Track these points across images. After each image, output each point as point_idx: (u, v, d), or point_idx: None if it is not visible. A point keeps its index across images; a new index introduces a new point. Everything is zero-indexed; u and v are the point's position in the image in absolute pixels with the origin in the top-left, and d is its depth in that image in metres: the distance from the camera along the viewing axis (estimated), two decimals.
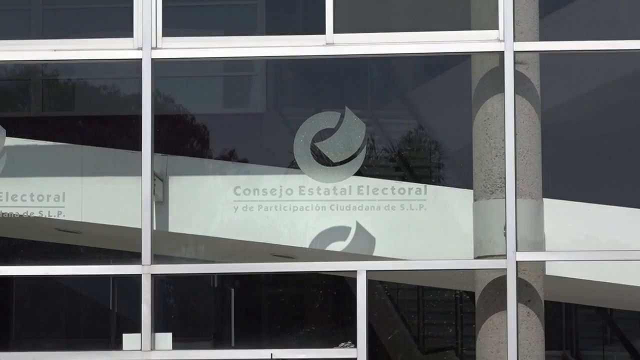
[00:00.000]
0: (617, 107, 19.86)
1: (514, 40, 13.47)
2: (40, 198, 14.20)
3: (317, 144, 13.93)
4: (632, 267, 14.24)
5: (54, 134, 15.38)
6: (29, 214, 14.18)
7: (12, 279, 19.57)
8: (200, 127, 20.68)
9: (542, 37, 13.79)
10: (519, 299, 13.27)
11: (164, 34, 13.73)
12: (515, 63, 13.46)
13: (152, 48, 13.71)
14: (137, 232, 13.54)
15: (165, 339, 13.55)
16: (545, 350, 13.65)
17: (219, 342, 23.29)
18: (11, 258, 15.32)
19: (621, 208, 14.45)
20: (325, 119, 14.00)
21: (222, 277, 21.29)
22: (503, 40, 13.48)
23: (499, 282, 13.36)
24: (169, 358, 14.04)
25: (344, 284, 16.92)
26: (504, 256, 13.27)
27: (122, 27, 13.85)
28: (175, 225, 14.13)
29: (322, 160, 13.92)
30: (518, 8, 13.54)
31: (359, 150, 13.95)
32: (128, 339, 13.61)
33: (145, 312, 13.47)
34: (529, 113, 13.62)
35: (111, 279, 20.71)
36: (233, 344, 23.52)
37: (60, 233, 14.77)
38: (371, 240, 14.04)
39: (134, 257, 13.60)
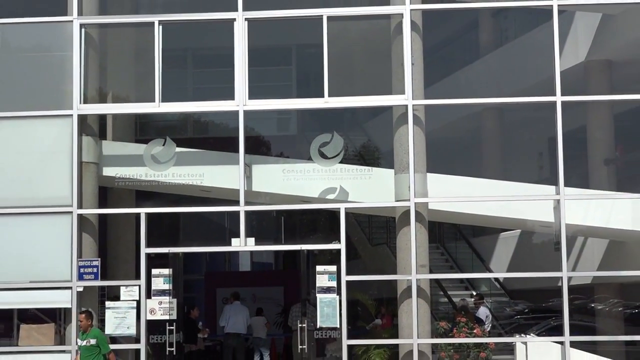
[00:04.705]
0: (469, 129, 19.84)
1: (412, 99, 13.31)
2: (192, 175, 13.99)
3: (321, 149, 13.77)
4: (470, 206, 14.11)
5: (198, 145, 15.20)
6: (187, 183, 14.01)
7: (179, 214, 19.37)
8: (266, 141, 20.48)
9: (427, 96, 13.54)
10: (416, 220, 13.18)
11: (249, 98, 13.54)
12: (413, 110, 13.31)
13: (243, 105, 13.53)
14: (237, 190, 13.39)
15: (251, 240, 13.43)
16: (429, 243, 13.53)
17: (276, 241, 23.14)
18: (179, 204, 15.14)
19: (466, 177, 14.26)
20: (324, 137, 13.81)
21: (278, 211, 21.02)
22: (407, 99, 13.33)
23: (407, 213, 13.24)
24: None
25: (334, 214, 16.76)
26: (409, 200, 13.18)
27: (228, 94, 13.66)
28: (255, 186, 13.83)
29: (324, 156, 13.76)
30: (413, 83, 13.33)
31: (341, 151, 13.78)
32: (234, 241, 13.57)
33: (242, 228, 13.38)
34: (420, 133, 13.43)
35: (226, 213, 20.54)
36: (283, 242, 23.37)
37: (202, 192, 14.58)
38: (347, 194, 13.79)
39: (235, 202, 13.50)
